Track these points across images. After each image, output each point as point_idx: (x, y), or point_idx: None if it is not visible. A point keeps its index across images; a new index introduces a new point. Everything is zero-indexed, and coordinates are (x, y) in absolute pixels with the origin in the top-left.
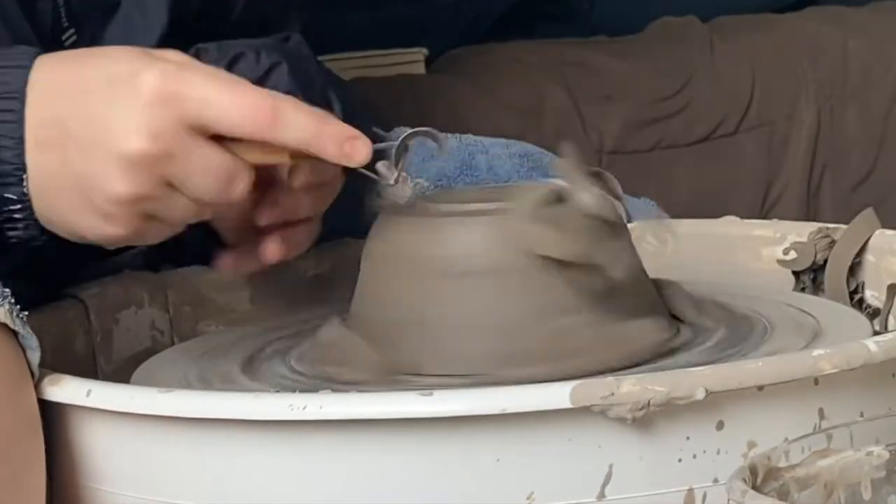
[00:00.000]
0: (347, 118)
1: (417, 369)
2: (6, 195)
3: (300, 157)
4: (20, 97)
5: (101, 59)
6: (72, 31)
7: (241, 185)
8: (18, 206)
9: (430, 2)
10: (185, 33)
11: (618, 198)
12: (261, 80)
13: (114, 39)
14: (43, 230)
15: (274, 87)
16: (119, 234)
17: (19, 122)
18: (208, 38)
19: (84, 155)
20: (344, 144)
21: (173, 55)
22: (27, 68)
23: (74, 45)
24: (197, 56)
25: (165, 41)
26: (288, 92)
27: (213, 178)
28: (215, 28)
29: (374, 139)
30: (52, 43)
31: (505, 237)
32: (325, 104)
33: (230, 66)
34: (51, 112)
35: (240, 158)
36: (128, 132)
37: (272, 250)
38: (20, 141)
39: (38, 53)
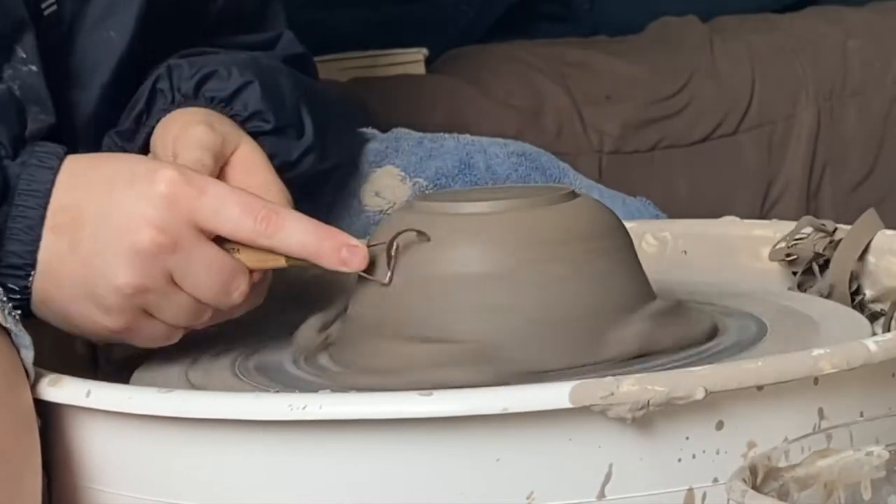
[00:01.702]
0: (321, 132)
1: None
2: (9, 285)
3: (296, 261)
4: (44, 195)
5: (125, 161)
6: (51, 0)
7: (241, 287)
8: (17, 297)
9: (430, 2)
10: (166, 30)
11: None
12: (232, 98)
13: (96, 11)
14: (32, 315)
15: (245, 106)
16: (112, 328)
17: (39, 219)
18: (192, 33)
19: (94, 242)
20: (341, 251)
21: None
22: (54, 170)
23: (54, 15)
24: (169, 72)
25: (144, 29)
26: (258, 111)
27: (213, 275)
28: (197, 22)
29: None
30: (33, 12)
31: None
32: (297, 121)
33: (201, 84)
34: (70, 199)
35: (239, 261)
36: (140, 224)
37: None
38: (36, 238)
39: (66, 153)
